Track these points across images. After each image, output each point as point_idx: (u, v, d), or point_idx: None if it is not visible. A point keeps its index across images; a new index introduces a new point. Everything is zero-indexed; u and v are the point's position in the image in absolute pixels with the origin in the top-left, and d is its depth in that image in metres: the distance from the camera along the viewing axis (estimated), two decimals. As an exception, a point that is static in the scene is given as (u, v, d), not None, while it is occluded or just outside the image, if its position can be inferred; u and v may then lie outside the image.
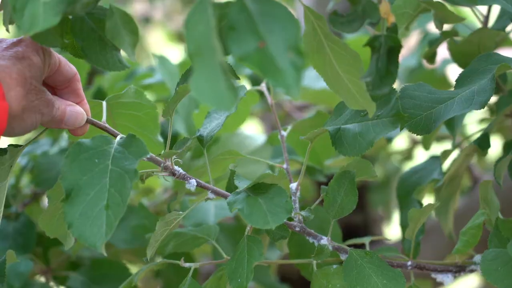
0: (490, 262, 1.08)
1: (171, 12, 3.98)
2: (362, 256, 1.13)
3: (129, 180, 0.99)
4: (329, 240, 1.17)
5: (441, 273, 1.20)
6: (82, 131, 1.10)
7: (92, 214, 0.97)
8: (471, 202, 2.02)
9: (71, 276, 1.50)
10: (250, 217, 1.06)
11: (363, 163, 1.19)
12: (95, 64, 1.06)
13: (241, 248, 1.12)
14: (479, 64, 1.14)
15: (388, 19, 0.97)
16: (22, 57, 0.99)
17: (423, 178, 1.36)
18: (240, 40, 0.79)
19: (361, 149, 1.11)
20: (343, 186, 1.17)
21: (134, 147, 1.02)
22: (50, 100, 1.03)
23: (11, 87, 0.97)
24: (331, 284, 1.14)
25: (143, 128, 1.24)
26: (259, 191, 1.10)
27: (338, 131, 1.13)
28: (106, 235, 0.96)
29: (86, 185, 0.99)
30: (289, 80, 0.78)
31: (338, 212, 1.17)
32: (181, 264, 1.19)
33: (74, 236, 0.97)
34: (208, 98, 0.79)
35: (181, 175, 1.13)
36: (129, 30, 1.01)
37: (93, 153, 1.01)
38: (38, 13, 0.88)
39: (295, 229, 1.16)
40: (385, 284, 1.10)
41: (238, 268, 1.10)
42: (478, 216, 1.17)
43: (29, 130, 1.03)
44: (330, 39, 1.03)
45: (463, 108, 1.08)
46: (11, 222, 1.52)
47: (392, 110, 1.11)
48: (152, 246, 1.18)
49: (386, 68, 0.98)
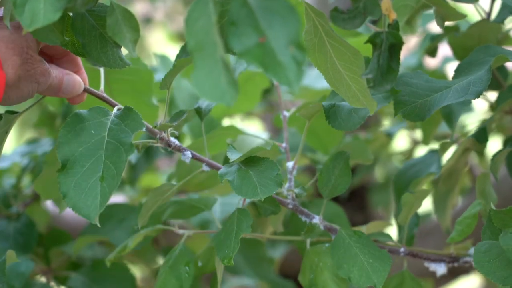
0: (483, 254, 1.08)
1: (172, 12, 3.98)
2: (351, 235, 1.14)
3: (125, 152, 1.00)
4: (321, 219, 1.18)
5: (434, 262, 1.20)
6: (79, 99, 1.10)
7: (87, 185, 0.99)
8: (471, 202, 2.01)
9: (71, 276, 1.50)
10: (240, 188, 1.07)
11: (359, 145, 1.21)
12: (95, 61, 1.06)
13: (231, 220, 1.13)
14: (477, 56, 1.15)
15: (389, 16, 0.97)
16: (18, 27, 1.00)
17: (421, 171, 1.36)
18: (241, 35, 0.79)
19: (354, 124, 1.11)
20: (338, 166, 1.18)
21: (131, 119, 1.03)
22: (46, 69, 1.03)
23: (8, 56, 0.98)
24: (322, 262, 1.15)
25: (138, 92, 1.25)
26: (251, 164, 1.11)
27: (333, 106, 1.13)
28: (100, 207, 0.98)
29: (82, 156, 1.00)
30: (290, 75, 0.78)
31: (331, 192, 1.19)
32: (175, 231, 1.20)
33: (68, 206, 0.99)
34: (209, 93, 0.79)
35: (177, 147, 1.13)
36: (130, 26, 1.00)
37: (90, 124, 1.02)
38: (38, 9, 0.88)
39: (288, 206, 1.17)
40: (370, 263, 1.11)
41: (226, 239, 1.11)
42: (474, 206, 1.18)
43: (25, 99, 1.03)
44: (331, 37, 1.03)
45: (458, 97, 1.08)
46: (12, 222, 1.51)
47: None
48: (143, 215, 1.19)
49: (388, 64, 0.98)
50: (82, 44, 1.04)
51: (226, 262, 1.09)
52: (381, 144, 1.79)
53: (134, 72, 1.23)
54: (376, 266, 1.10)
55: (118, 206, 1.47)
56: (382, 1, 0.96)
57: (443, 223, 1.36)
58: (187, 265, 1.17)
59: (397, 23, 0.97)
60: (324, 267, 1.15)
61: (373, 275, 1.10)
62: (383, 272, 1.10)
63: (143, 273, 2.06)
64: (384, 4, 0.96)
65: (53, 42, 1.00)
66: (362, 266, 1.10)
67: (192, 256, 1.17)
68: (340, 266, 1.11)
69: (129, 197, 1.84)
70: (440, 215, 1.36)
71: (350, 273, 1.11)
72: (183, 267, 1.17)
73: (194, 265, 1.17)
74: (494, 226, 1.08)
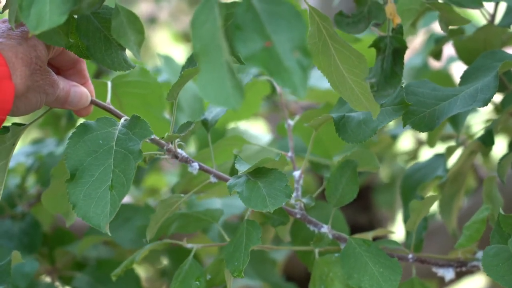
0: (492, 258, 1.08)
1: (176, 12, 3.98)
2: (360, 245, 1.13)
3: (133, 160, 1.00)
4: (329, 228, 1.18)
5: (442, 268, 1.20)
6: (86, 111, 1.10)
7: (96, 195, 0.99)
8: (476, 203, 2.01)
9: (76, 276, 1.50)
10: (249, 200, 1.07)
11: (366, 153, 1.20)
12: (100, 63, 1.06)
13: (240, 232, 1.12)
14: (484, 62, 1.15)
15: (393, 20, 0.97)
16: (27, 37, 1.00)
17: (427, 175, 1.36)
18: (246, 40, 0.79)
19: (364, 136, 1.11)
20: (345, 175, 1.18)
21: (138, 128, 1.03)
22: (54, 80, 1.04)
23: (17, 66, 0.98)
24: (332, 272, 1.15)
25: (149, 106, 1.25)
26: (259, 175, 1.10)
27: (343, 118, 1.13)
28: (110, 215, 0.98)
29: (91, 166, 1.00)
30: (296, 80, 0.78)
31: (339, 201, 1.18)
32: (183, 245, 1.20)
33: (78, 216, 0.99)
34: (214, 98, 0.79)
35: (184, 158, 1.13)
36: (134, 29, 1.00)
37: (97, 134, 1.03)
38: (44, 12, 0.88)
39: (296, 216, 1.17)
40: (381, 272, 1.10)
41: (235, 251, 1.11)
42: (482, 211, 1.18)
43: (34, 110, 1.03)
44: (335, 40, 1.03)
45: (466, 105, 1.08)
46: (17, 222, 1.52)
47: (396, 98, 1.11)
48: (151, 228, 1.18)
49: (391, 69, 0.98)
50: (87, 46, 1.04)
51: (236, 274, 1.08)
52: (386, 145, 1.79)
53: (144, 85, 1.23)
54: (386, 275, 1.10)
55: (123, 206, 1.46)
56: (387, 6, 0.96)
57: (449, 225, 1.36)
58: (198, 280, 1.16)
59: (401, 27, 0.97)
60: (335, 277, 1.14)
61: (384, 284, 1.09)
62: (394, 282, 1.09)
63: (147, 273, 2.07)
64: (389, 9, 0.96)
65: (58, 44, 1.00)
66: (373, 276, 1.10)
67: (202, 270, 1.17)
68: (351, 276, 1.11)
69: (133, 197, 1.84)
70: (446, 218, 1.35)
71: (361, 283, 1.10)
72: (194, 281, 1.16)
73: (204, 279, 1.17)
74: (502, 230, 1.08)
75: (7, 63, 0.96)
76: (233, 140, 1.30)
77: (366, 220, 2.30)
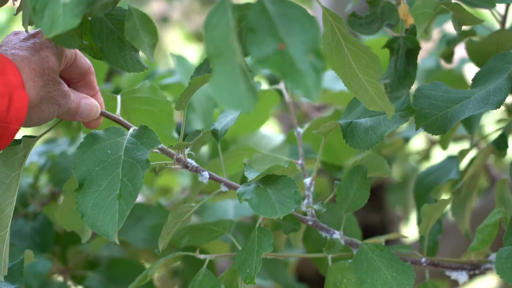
0: (505, 260, 1.08)
1: (188, 12, 3.99)
2: (373, 250, 1.13)
3: (141, 169, 1.00)
4: (341, 234, 1.18)
5: (456, 271, 1.20)
6: (96, 123, 1.10)
7: (105, 204, 0.99)
8: (488, 202, 2.01)
9: (88, 275, 1.50)
10: (258, 207, 1.07)
11: (377, 158, 1.20)
12: (114, 65, 1.06)
13: (251, 239, 1.12)
14: (496, 63, 1.14)
15: (406, 21, 0.97)
16: (40, 49, 1.00)
17: (440, 178, 1.36)
18: (259, 42, 0.79)
19: (371, 143, 1.11)
20: (355, 181, 1.18)
21: (146, 138, 1.04)
22: (66, 91, 1.04)
23: (30, 77, 0.98)
24: (346, 279, 1.15)
25: (158, 124, 1.25)
26: (268, 182, 1.11)
27: (350, 124, 1.13)
28: (119, 224, 0.98)
29: (99, 175, 1.01)
30: (309, 82, 0.78)
31: (350, 207, 1.18)
32: (196, 256, 1.20)
33: (87, 225, 0.99)
34: (227, 101, 0.79)
35: (194, 168, 1.13)
36: (148, 31, 1.01)
37: (106, 144, 1.03)
38: (58, 15, 0.88)
39: (308, 223, 1.17)
40: (394, 277, 1.10)
41: (247, 259, 1.11)
42: (494, 214, 1.17)
43: (46, 121, 1.04)
44: (348, 41, 1.03)
45: (478, 108, 1.08)
46: (29, 221, 1.52)
47: (403, 104, 1.11)
48: (163, 238, 1.19)
49: (405, 69, 0.98)
50: (101, 48, 1.05)
51: (249, 281, 1.08)
52: (398, 147, 1.78)
53: (153, 102, 1.23)
54: (400, 279, 1.10)
55: (135, 205, 1.46)
56: (400, 6, 0.96)
57: (462, 227, 1.36)
58: None
59: (414, 28, 0.97)
60: (349, 284, 1.14)
61: None
62: (407, 286, 1.09)
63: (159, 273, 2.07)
64: (402, 9, 0.96)
65: (72, 46, 1.00)
66: (386, 280, 1.10)
67: (216, 280, 1.17)
68: (364, 281, 1.10)
69: (145, 196, 1.85)
70: (459, 219, 1.35)
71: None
72: None
73: None
74: (516, 232, 1.08)
75: (20, 74, 0.97)
76: (244, 150, 1.30)
77: (378, 220, 2.30)
